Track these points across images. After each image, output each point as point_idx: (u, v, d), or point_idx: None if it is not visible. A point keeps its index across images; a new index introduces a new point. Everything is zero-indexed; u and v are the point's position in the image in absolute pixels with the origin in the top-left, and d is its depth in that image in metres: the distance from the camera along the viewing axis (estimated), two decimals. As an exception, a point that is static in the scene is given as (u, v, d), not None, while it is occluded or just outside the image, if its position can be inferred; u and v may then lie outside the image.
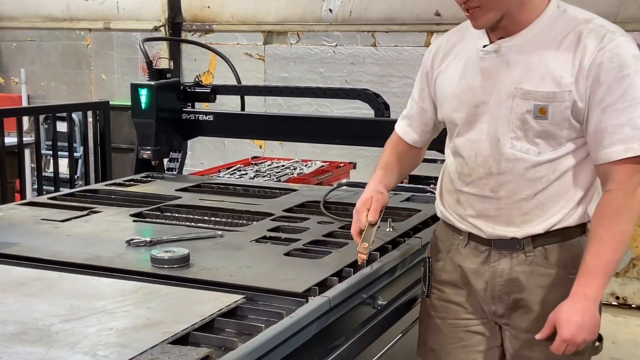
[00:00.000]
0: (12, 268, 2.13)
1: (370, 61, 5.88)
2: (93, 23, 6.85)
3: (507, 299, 2.08)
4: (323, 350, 1.90)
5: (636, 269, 5.26)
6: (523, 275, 2.05)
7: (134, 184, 3.47)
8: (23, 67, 7.10)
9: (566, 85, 1.91)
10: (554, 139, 1.96)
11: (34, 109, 5.00)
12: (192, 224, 2.74)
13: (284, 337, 1.70)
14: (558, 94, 1.92)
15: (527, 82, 1.96)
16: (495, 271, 2.08)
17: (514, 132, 1.99)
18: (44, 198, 3.19)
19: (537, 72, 1.95)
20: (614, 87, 1.87)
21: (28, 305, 1.83)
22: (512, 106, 1.98)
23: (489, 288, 2.10)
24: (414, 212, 2.85)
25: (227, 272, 2.08)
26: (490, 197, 2.05)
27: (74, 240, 2.43)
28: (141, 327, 1.68)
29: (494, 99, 2.01)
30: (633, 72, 1.87)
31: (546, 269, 2.03)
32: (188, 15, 6.49)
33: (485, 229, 2.07)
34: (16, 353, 1.54)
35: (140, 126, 3.67)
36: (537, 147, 1.98)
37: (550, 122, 1.94)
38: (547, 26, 1.98)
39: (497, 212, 2.05)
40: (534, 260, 2.04)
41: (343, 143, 4.08)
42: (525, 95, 1.96)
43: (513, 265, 2.06)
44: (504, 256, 2.07)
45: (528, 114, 1.96)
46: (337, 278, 2.06)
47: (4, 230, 2.54)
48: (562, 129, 1.95)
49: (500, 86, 2.00)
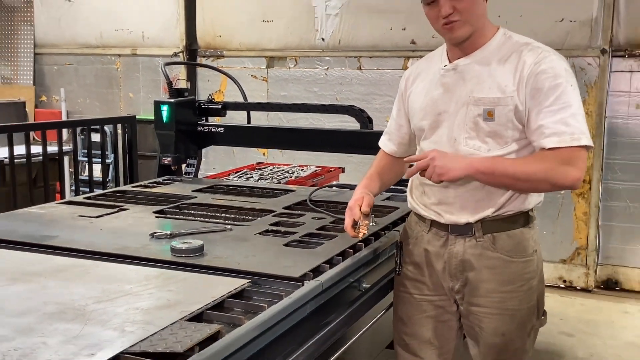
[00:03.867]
0: (53, 257, 2.13)
1: (357, 82, 5.89)
2: (122, 50, 6.85)
3: (461, 276, 2.12)
4: (316, 326, 1.90)
5: (580, 257, 5.27)
6: (473, 257, 2.08)
7: (157, 186, 3.47)
8: (63, 87, 7.08)
9: (509, 92, 1.98)
10: (501, 138, 2.01)
11: (72, 123, 5.00)
12: (206, 219, 2.73)
13: (283, 315, 1.71)
14: (502, 99, 1.98)
15: (478, 91, 2.02)
16: (452, 253, 2.11)
17: (468, 133, 2.04)
18: (80, 198, 3.19)
19: (486, 84, 2.02)
20: (549, 93, 1.94)
21: (66, 288, 1.83)
22: (466, 112, 2.04)
23: (447, 267, 2.13)
24: (393, 209, 2.86)
25: (235, 260, 2.08)
26: (448, 187, 2.08)
27: (106, 233, 2.43)
28: (162, 307, 1.68)
29: (452, 107, 2.07)
30: (564, 82, 1.95)
31: (492, 253, 2.07)
32: (202, 43, 6.50)
33: (444, 214, 2.11)
34: (56, 329, 1.54)
35: (162, 137, 3.67)
36: (487, 144, 2.03)
37: (497, 123, 2.00)
38: (495, 48, 2.05)
39: (455, 200, 2.09)
40: (483, 245, 2.07)
41: (333, 151, 4.09)
42: (477, 101, 2.02)
43: (466, 249, 2.09)
44: (458, 240, 2.10)
45: (479, 117, 2.01)
46: (328, 265, 2.07)
47: (46, 225, 2.54)
48: (507, 129, 2.00)
49: (457, 97, 2.07)
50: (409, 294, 2.25)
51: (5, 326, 1.55)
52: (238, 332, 1.53)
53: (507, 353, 2.13)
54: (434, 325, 2.22)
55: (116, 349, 1.42)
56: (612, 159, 5.13)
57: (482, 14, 2.03)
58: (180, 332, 1.51)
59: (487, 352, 2.15)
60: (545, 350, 4.03)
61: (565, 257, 5.33)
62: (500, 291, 2.08)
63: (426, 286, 2.20)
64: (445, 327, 2.22)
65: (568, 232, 5.29)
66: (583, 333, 4.37)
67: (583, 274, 5.28)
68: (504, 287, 2.08)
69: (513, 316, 2.08)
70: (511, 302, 2.08)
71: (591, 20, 5.07)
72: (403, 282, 2.26)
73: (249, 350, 1.56)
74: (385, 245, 2.39)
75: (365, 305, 2.18)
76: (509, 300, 2.08)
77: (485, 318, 2.11)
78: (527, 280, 2.09)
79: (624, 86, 5.06)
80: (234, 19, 6.31)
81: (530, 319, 2.12)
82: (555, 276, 5.33)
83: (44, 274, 1.95)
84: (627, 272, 5.22)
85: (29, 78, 7.27)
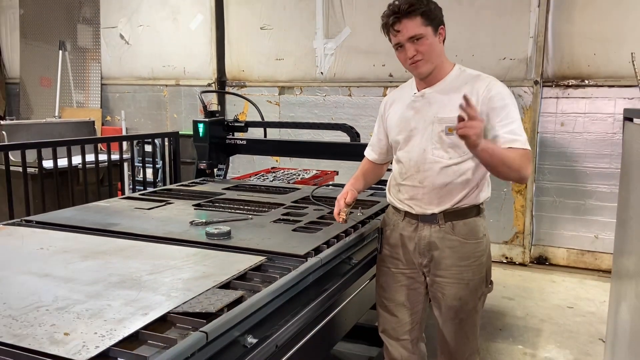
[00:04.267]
0: (115, 239, 2.14)
1: (347, 106, 5.88)
2: (168, 81, 6.84)
3: (428, 255, 2.11)
4: (317, 292, 1.90)
5: (518, 239, 5.27)
6: (437, 239, 2.08)
7: (195, 185, 3.46)
8: (123, 109, 7.07)
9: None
10: (460, 148, 1.99)
11: (130, 137, 4.99)
12: (232, 210, 2.73)
13: (291, 284, 1.71)
14: (459, 118, 1.94)
15: (442, 113, 2.02)
16: (421, 236, 2.10)
17: (434, 145, 2.03)
18: (137, 194, 3.19)
19: (447, 107, 2.01)
20: (500, 111, 1.95)
21: (126, 263, 1.83)
22: (432, 128, 2.03)
23: (417, 247, 2.13)
24: (376, 203, 2.86)
25: (255, 242, 2.08)
26: (418, 187, 2.08)
27: (156, 221, 2.43)
28: (199, 278, 1.68)
29: (421, 125, 2.07)
30: (510, 103, 1.97)
31: (452, 236, 2.07)
32: (230, 76, 6.49)
33: (415, 207, 2.10)
34: (118, 295, 1.54)
35: (198, 148, 3.66)
36: (448, 154, 2.02)
37: (456, 137, 1.95)
38: (453, 80, 2.05)
39: (423, 196, 2.08)
40: (445, 230, 2.07)
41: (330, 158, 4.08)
42: (440, 120, 2.02)
43: (432, 233, 2.08)
44: (426, 227, 2.10)
45: (442, 133, 2.01)
46: (326, 245, 2.07)
47: (111, 215, 2.54)
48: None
49: (425, 117, 2.06)
50: (388, 268, 2.24)
51: (80, 292, 1.56)
52: (257, 297, 1.54)
53: (463, 313, 2.13)
54: (406, 292, 2.22)
55: (164, 310, 1.43)
56: (543, 164, 5.13)
57: (439, 53, 2.02)
58: (212, 297, 1.51)
59: (447, 313, 2.15)
60: (492, 311, 4.03)
61: (507, 239, 5.33)
62: (458, 265, 2.08)
63: (400, 262, 2.20)
64: (415, 293, 2.22)
65: (509, 220, 5.28)
66: (521, 297, 4.37)
67: (521, 252, 5.28)
68: (460, 262, 2.08)
69: (467, 284, 2.08)
70: (466, 274, 2.08)
71: (526, 59, 5.07)
72: (383, 259, 2.26)
73: (266, 310, 1.57)
74: (369, 230, 2.39)
75: (354, 276, 2.18)
76: (464, 273, 2.08)
77: (447, 286, 2.10)
78: (478, 257, 2.09)
79: (551, 109, 5.06)
80: (254, 58, 6.30)
81: (480, 286, 2.12)
82: (499, 254, 5.33)
83: (109, 252, 1.96)
84: (554, 251, 5.22)
85: (97, 102, 7.26)
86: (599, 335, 3.64)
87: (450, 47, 2.09)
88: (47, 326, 1.33)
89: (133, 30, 6.93)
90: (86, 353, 1.21)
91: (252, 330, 1.48)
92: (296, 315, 1.70)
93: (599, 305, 4.20)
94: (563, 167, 5.07)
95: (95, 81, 7.27)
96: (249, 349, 1.45)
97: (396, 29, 1.96)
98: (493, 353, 3.38)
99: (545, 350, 3.44)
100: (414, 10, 1.93)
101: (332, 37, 5.85)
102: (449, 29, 2.05)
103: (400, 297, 2.23)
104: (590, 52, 4.86)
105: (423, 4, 1.94)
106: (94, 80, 7.28)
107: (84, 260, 1.86)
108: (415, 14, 1.93)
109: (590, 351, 3.44)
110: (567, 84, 4.96)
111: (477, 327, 2.19)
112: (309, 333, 1.78)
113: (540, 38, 4.93)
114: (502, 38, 5.11)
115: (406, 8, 1.93)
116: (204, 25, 6.48)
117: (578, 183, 5.02)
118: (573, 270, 5.06)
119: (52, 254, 1.92)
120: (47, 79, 7.47)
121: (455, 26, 5.13)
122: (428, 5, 1.95)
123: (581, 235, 5.09)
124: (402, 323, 2.24)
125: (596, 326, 3.80)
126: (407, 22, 1.94)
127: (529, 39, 5.02)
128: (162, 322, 1.39)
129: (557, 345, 3.52)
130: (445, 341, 2.19)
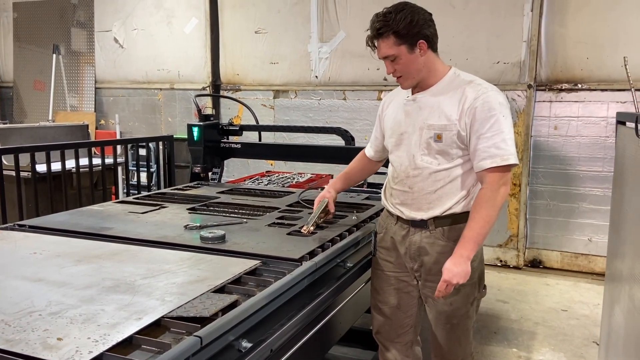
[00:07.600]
0: (109, 244, 2.13)
1: (342, 109, 5.89)
2: (162, 84, 6.83)
3: (418, 259, 2.11)
4: (311, 296, 1.89)
5: (512, 242, 5.28)
6: (428, 244, 2.08)
7: (189, 189, 3.45)
8: (117, 113, 7.06)
9: (453, 120, 1.96)
10: (448, 155, 1.99)
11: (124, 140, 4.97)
12: (227, 214, 2.73)
13: (286, 287, 1.70)
14: (448, 126, 1.97)
15: (431, 119, 2.01)
16: (412, 241, 2.11)
17: (423, 151, 2.03)
18: (131, 198, 3.17)
19: (437, 113, 2.00)
20: (484, 122, 1.91)
21: (120, 268, 1.82)
22: (421, 134, 2.03)
23: (408, 252, 2.13)
24: (370, 206, 2.86)
25: (249, 246, 2.07)
26: (408, 192, 2.08)
27: (150, 225, 2.42)
28: (194, 282, 1.68)
29: (411, 130, 2.07)
30: (498, 113, 1.91)
31: (442, 242, 2.06)
32: (224, 79, 6.49)
33: (405, 212, 2.11)
34: (112, 299, 1.53)
35: (193, 151, 3.65)
36: (437, 160, 2.01)
37: (444, 144, 1.98)
38: (446, 85, 2.03)
39: (412, 202, 2.08)
40: (435, 235, 2.06)
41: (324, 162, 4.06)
42: (429, 127, 2.00)
43: (422, 238, 2.09)
44: (417, 232, 2.09)
45: (430, 139, 2.00)
46: (321, 249, 2.06)
47: (104, 219, 2.53)
48: (452, 148, 1.98)
49: (415, 121, 2.05)
50: (381, 270, 2.25)
51: (73, 297, 1.55)
52: (252, 301, 1.53)
53: (455, 318, 2.12)
54: (399, 295, 2.22)
55: (158, 314, 1.42)
56: (537, 168, 5.15)
57: (420, 68, 1.99)
58: (207, 301, 1.51)
59: (439, 317, 2.14)
60: (486, 314, 4.03)
61: (501, 243, 5.34)
62: None
63: (393, 265, 2.20)
64: (408, 297, 2.22)
65: (503, 223, 5.30)
66: (515, 300, 4.38)
67: (515, 256, 5.29)
68: None
69: (458, 290, 2.05)
70: None
71: (520, 63, 5.10)
72: (377, 261, 2.27)
73: (260, 314, 1.56)
74: (364, 234, 2.38)
75: (349, 280, 2.18)
76: None
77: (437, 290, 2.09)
78: (469, 263, 2.09)
79: (545, 112, 5.09)
80: (249, 61, 6.31)
81: (472, 292, 2.11)
82: (493, 257, 5.34)
83: (103, 256, 1.95)
84: (548, 254, 5.24)
85: (91, 106, 7.23)
86: (593, 338, 3.65)
87: (444, 51, 2.09)
88: (40, 331, 1.33)
89: (127, 34, 6.93)
90: (79, 358, 1.20)
91: (246, 335, 1.48)
92: (291, 319, 1.69)
93: (593, 308, 4.22)
94: (556, 170, 5.10)
95: (89, 85, 7.25)
96: (243, 353, 1.45)
97: (375, 47, 2.00)
98: (487, 356, 3.38)
99: (539, 353, 3.45)
100: (384, 31, 1.93)
101: (326, 41, 5.86)
102: (443, 33, 2.05)
103: (393, 300, 2.23)
104: (583, 56, 4.90)
105: (394, 24, 1.91)
106: (88, 83, 7.26)
107: (78, 264, 1.85)
108: (386, 35, 1.94)
109: (584, 354, 3.45)
110: (561, 87, 4.99)
111: (470, 331, 2.18)
112: (304, 337, 1.78)
113: (534, 42, 4.96)
114: (495, 42, 5.14)
115: (377, 29, 1.94)
116: (199, 29, 6.48)
117: (571, 186, 5.05)
118: (567, 273, 5.08)
119: (45, 258, 1.91)
120: (41, 83, 7.45)
121: (449, 30, 5.16)
122: (400, 24, 1.90)
123: (575, 238, 5.11)
124: (395, 326, 2.25)
125: (590, 329, 3.81)
126: (379, 42, 1.97)
127: (523, 43, 5.06)
128: (156, 327, 1.38)
129: (552, 348, 3.53)
130: (438, 345, 2.19)
